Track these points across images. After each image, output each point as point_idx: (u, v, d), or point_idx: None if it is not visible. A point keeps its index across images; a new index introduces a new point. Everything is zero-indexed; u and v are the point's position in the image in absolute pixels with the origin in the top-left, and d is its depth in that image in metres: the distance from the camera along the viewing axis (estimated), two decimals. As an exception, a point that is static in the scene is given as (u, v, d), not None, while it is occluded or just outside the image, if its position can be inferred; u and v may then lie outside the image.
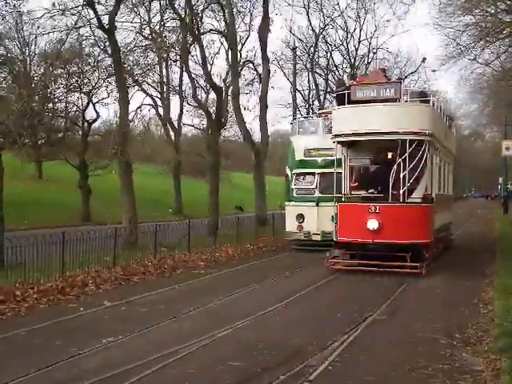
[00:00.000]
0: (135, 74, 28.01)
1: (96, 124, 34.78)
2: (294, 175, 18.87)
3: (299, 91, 35.53)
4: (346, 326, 8.29)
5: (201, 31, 25.59)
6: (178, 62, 31.41)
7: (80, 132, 33.33)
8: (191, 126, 43.80)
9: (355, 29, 36.09)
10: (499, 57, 25.20)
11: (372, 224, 13.26)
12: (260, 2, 29.00)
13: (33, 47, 36.46)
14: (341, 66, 36.89)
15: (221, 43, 32.01)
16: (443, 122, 17.22)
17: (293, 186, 18.87)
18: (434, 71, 31.37)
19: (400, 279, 12.49)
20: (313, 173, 18.31)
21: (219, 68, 69.98)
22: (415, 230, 13.46)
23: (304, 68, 36.05)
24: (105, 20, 17.72)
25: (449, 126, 19.18)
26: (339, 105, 14.87)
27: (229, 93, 30.69)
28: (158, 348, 7.04)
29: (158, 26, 26.91)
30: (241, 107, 28.28)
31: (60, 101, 32.83)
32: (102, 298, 10.30)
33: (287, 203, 19.23)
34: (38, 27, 25.35)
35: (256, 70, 31.37)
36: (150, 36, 25.77)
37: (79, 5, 17.81)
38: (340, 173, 14.75)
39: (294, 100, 31.77)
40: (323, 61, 36.38)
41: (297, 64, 33.04)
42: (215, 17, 28.32)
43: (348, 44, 36.34)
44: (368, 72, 32.37)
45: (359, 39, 36.31)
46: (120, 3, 18.40)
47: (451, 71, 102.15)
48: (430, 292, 11.54)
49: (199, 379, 6.14)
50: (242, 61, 30.42)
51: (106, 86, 30.65)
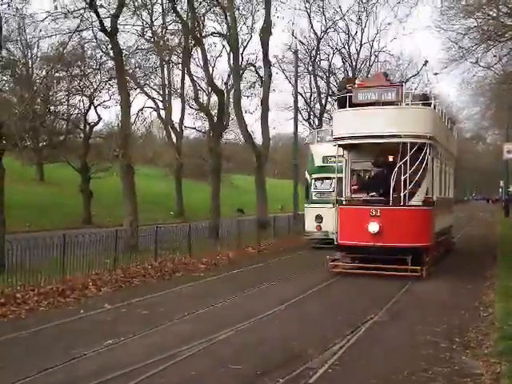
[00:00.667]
0: (137, 77, 28.13)
1: (98, 127, 34.89)
2: (313, 180, 20.29)
3: (301, 94, 35.55)
4: (347, 329, 8.29)
5: (203, 34, 25.64)
6: (180, 65, 31.50)
7: (82, 135, 33.38)
8: (193, 129, 43.87)
9: (357, 32, 36.13)
10: (501, 60, 25.18)
11: (373, 227, 13.25)
12: (262, 5, 29.06)
13: (35, 50, 36.49)
14: (342, 69, 36.89)
15: (222, 46, 32.10)
16: (444, 125, 17.22)
17: (312, 190, 20.28)
18: (436, 74, 31.37)
19: (401, 282, 12.48)
20: (330, 177, 18.96)
21: (221, 71, 69.98)
22: (416, 234, 13.46)
23: (306, 71, 36.07)
24: (107, 23, 17.78)
25: (450, 129, 19.19)
26: (340, 108, 14.88)
27: (230, 96, 30.75)
28: (159, 350, 7.04)
29: (160, 29, 27.02)
30: (242, 110, 28.32)
31: (62, 103, 32.92)
32: (103, 301, 10.31)
33: (306, 205, 20.69)
34: (41, 30, 25.52)
35: (258, 73, 31.39)
36: (152, 39, 25.87)
37: (82, 8, 17.87)
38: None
39: (296, 103, 31.76)
40: (325, 64, 36.42)
41: (298, 67, 33.07)
42: (217, 20, 28.35)
43: (350, 47, 36.37)
44: (369, 75, 32.40)
45: (361, 42, 36.31)
46: (122, 6, 18.46)
47: (453, 74, 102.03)
48: (431, 295, 11.54)
49: (200, 382, 6.15)
50: (244, 64, 30.45)
51: (108, 89, 30.78)
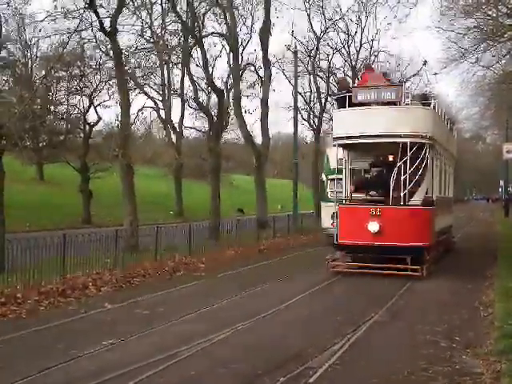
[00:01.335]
0: (137, 77, 28.12)
1: (97, 127, 34.88)
2: (329, 180, 20.52)
3: (300, 94, 35.50)
4: (347, 329, 8.30)
5: (202, 34, 25.64)
6: (180, 65, 31.49)
7: (81, 134, 33.38)
8: (193, 129, 43.84)
9: (356, 32, 36.08)
10: (500, 60, 25.19)
11: (373, 226, 13.26)
12: (261, 5, 29.06)
13: (35, 50, 36.59)
14: (342, 69, 36.85)
15: (222, 46, 32.04)
16: (444, 125, 17.23)
17: (328, 190, 20.59)
18: (436, 74, 31.35)
19: (401, 282, 12.49)
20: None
21: (221, 71, 70.03)
22: (416, 233, 13.46)
23: (305, 71, 36.03)
24: (107, 23, 17.77)
25: (450, 129, 19.20)
26: (340, 107, 14.89)
27: (230, 95, 30.73)
28: (159, 350, 7.04)
29: (160, 29, 27.03)
30: (242, 110, 28.31)
31: (61, 103, 32.94)
32: (103, 300, 10.31)
33: (323, 203, 21.11)
34: (40, 30, 25.43)
35: (257, 73, 31.38)
36: (152, 39, 25.87)
37: (81, 8, 17.87)
38: (340, 179, 15.01)
39: (295, 103, 31.74)
40: (324, 64, 36.38)
41: (298, 67, 33.04)
42: (217, 20, 28.35)
43: (349, 47, 36.32)
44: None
45: (360, 42, 36.22)
46: (122, 6, 18.44)
47: (452, 74, 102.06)
48: (431, 294, 11.55)
49: (200, 382, 6.16)
50: (244, 64, 30.44)
51: (108, 89, 30.80)
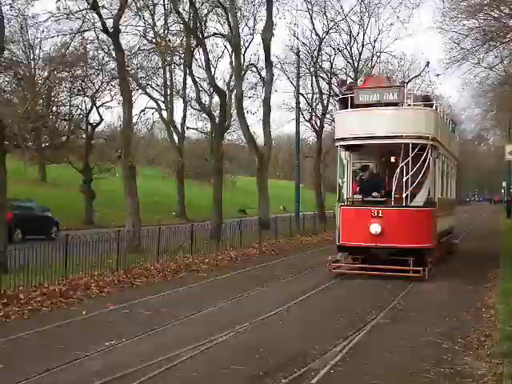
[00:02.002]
0: (139, 78, 28.14)
1: (100, 127, 34.92)
2: (344, 183, 21.09)
3: (302, 95, 35.53)
4: (349, 330, 8.29)
5: (204, 35, 25.68)
6: (182, 66, 31.53)
7: (84, 135, 33.43)
8: (195, 130, 43.89)
9: (359, 33, 36.08)
10: (503, 61, 25.23)
11: (375, 228, 13.24)
12: (263, 6, 29.08)
13: (37, 51, 36.58)
14: (344, 70, 36.84)
15: (224, 47, 32.19)
16: (446, 126, 17.22)
17: (343, 191, 20.82)
18: (438, 75, 31.45)
19: (403, 283, 12.48)
20: None
21: (223, 72, 70.13)
22: (418, 234, 13.45)
23: (307, 72, 36.04)
24: (109, 24, 17.78)
25: (452, 130, 19.18)
26: (342, 108, 14.89)
27: (232, 96, 30.76)
28: (161, 351, 7.05)
29: (162, 30, 27.01)
30: (244, 110, 28.33)
31: (64, 104, 32.96)
32: (105, 301, 10.33)
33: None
34: (43, 31, 25.56)
35: (259, 74, 31.43)
36: (154, 40, 25.86)
37: (84, 9, 17.86)
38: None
39: (298, 103, 31.77)
40: (327, 64, 36.38)
41: (300, 68, 33.07)
42: (219, 20, 28.35)
43: (351, 48, 36.30)
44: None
45: (363, 43, 36.22)
46: (124, 7, 18.45)
47: (455, 75, 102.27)
48: (433, 296, 11.53)
49: (202, 383, 6.16)
50: (246, 64, 30.48)
51: (110, 90, 30.79)
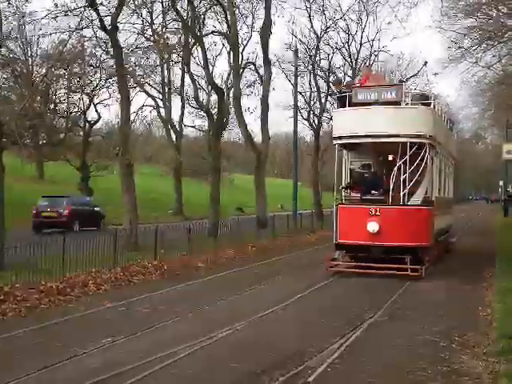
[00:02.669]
0: (137, 75, 28.08)
1: (97, 125, 34.95)
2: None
3: (300, 93, 35.52)
4: (346, 328, 8.31)
5: (203, 33, 25.66)
6: (180, 64, 31.48)
7: (81, 133, 33.43)
8: (193, 128, 43.88)
9: (357, 31, 36.06)
10: (501, 60, 25.23)
11: (372, 226, 13.27)
12: (262, 4, 29.04)
13: (35, 48, 36.57)
14: (342, 69, 36.86)
15: (222, 45, 32.08)
16: (444, 125, 17.24)
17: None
18: (436, 74, 31.44)
19: (400, 282, 12.50)
20: None
21: (221, 69, 70.19)
22: (415, 233, 13.47)
23: (305, 70, 36.04)
24: (107, 21, 17.74)
25: (450, 129, 19.21)
26: (340, 107, 14.90)
27: (230, 94, 30.73)
28: (159, 348, 7.06)
29: (160, 28, 26.98)
30: (242, 109, 28.31)
31: (62, 101, 32.97)
32: (103, 299, 10.33)
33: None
34: (41, 28, 25.46)
35: (257, 72, 31.40)
36: (152, 37, 25.83)
37: (82, 6, 17.85)
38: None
39: (296, 102, 31.75)
40: (325, 63, 36.37)
41: (298, 66, 33.04)
42: (217, 18, 28.27)
43: (350, 46, 36.30)
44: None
45: (361, 42, 36.18)
46: (122, 5, 18.42)
47: (453, 74, 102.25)
48: (430, 295, 11.56)
49: (199, 380, 6.17)
50: (244, 62, 30.43)
51: (108, 87, 30.82)
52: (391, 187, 13.59)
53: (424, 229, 13.70)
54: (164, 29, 26.50)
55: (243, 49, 30.62)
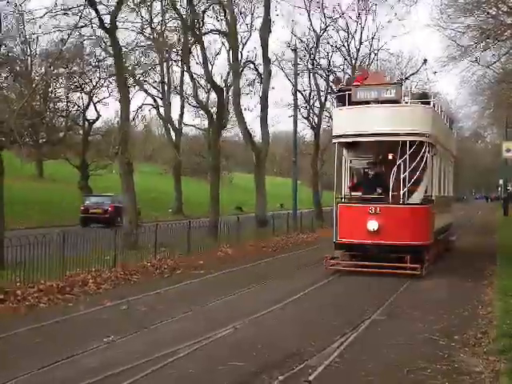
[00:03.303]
0: (136, 74, 28.08)
1: (97, 124, 34.93)
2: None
3: (300, 92, 35.48)
4: (346, 327, 8.30)
5: (202, 31, 25.58)
6: (179, 62, 31.47)
7: (81, 131, 33.41)
8: (192, 126, 43.85)
9: (356, 30, 36.05)
10: (500, 59, 25.19)
11: (372, 225, 13.26)
12: (261, 3, 29.02)
13: (34, 46, 36.50)
14: (342, 67, 36.84)
15: (222, 43, 32.10)
16: (444, 124, 17.23)
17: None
18: (435, 73, 31.34)
19: (400, 280, 12.49)
20: None
21: (220, 68, 70.07)
22: (415, 232, 13.47)
23: (305, 69, 36.00)
24: (106, 20, 17.73)
25: (449, 128, 19.20)
26: (339, 105, 14.89)
27: (230, 93, 30.72)
28: (158, 348, 7.04)
29: (160, 26, 26.96)
30: (241, 107, 28.29)
31: (61, 100, 32.95)
32: (102, 298, 10.31)
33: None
34: (40, 27, 25.41)
35: (257, 71, 31.38)
36: (152, 36, 25.82)
37: (81, 4, 17.83)
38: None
39: (295, 101, 31.73)
40: (324, 62, 36.34)
41: (298, 65, 33.02)
42: (216, 17, 28.28)
43: (349, 45, 36.28)
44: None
45: (360, 40, 36.21)
46: (122, 3, 18.39)
47: (452, 73, 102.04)
48: (430, 293, 11.55)
49: (199, 379, 6.16)
50: (243, 61, 30.42)
51: (107, 86, 30.81)
52: (391, 186, 13.57)
53: (424, 227, 13.69)
54: (163, 27, 26.49)
55: (243, 47, 30.66)
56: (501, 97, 35.08)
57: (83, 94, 31.89)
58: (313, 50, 34.89)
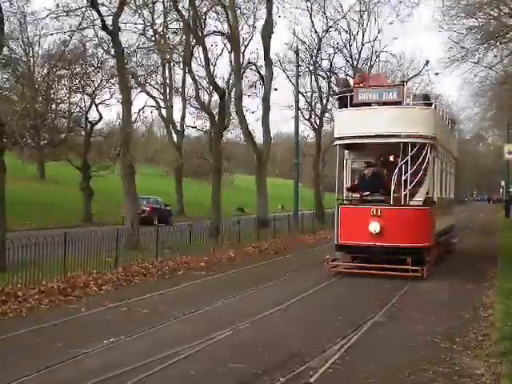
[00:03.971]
0: (138, 76, 28.14)
1: (99, 125, 34.89)
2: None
3: (302, 93, 35.50)
4: (347, 329, 8.29)
5: (204, 33, 25.66)
6: (181, 64, 31.51)
7: (83, 133, 33.41)
8: (194, 128, 43.87)
9: (358, 31, 36.03)
10: (502, 60, 25.23)
11: (373, 227, 13.24)
12: (263, 4, 29.05)
13: (36, 48, 36.57)
14: (343, 69, 36.83)
15: (224, 45, 32.13)
16: (445, 126, 17.22)
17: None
18: (437, 74, 31.38)
19: (401, 282, 12.48)
20: None
21: (222, 70, 70.20)
22: (417, 234, 13.45)
23: (307, 70, 36.02)
24: (108, 21, 17.75)
25: (451, 130, 19.18)
26: (341, 107, 14.88)
27: (232, 95, 30.74)
28: (159, 349, 7.05)
29: (162, 28, 27.02)
30: (243, 109, 28.31)
31: (63, 102, 32.93)
32: (104, 299, 10.32)
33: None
34: (42, 28, 25.53)
35: (259, 72, 31.42)
36: (154, 38, 25.88)
37: (83, 6, 17.90)
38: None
39: (297, 102, 31.73)
40: (326, 63, 36.34)
41: (299, 66, 33.03)
42: (218, 19, 28.34)
43: (351, 47, 36.25)
44: (370, 75, 32.29)
45: (362, 42, 36.19)
46: (124, 5, 18.45)
47: (454, 74, 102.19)
48: (431, 295, 11.54)
49: (200, 381, 6.16)
50: (245, 63, 30.46)
51: (109, 88, 30.79)
52: (392, 188, 13.56)
53: (425, 229, 13.67)
54: (165, 29, 26.55)
55: (244, 49, 30.68)
56: (503, 98, 35.05)
57: (85, 96, 31.89)
58: (314, 52, 34.92)
